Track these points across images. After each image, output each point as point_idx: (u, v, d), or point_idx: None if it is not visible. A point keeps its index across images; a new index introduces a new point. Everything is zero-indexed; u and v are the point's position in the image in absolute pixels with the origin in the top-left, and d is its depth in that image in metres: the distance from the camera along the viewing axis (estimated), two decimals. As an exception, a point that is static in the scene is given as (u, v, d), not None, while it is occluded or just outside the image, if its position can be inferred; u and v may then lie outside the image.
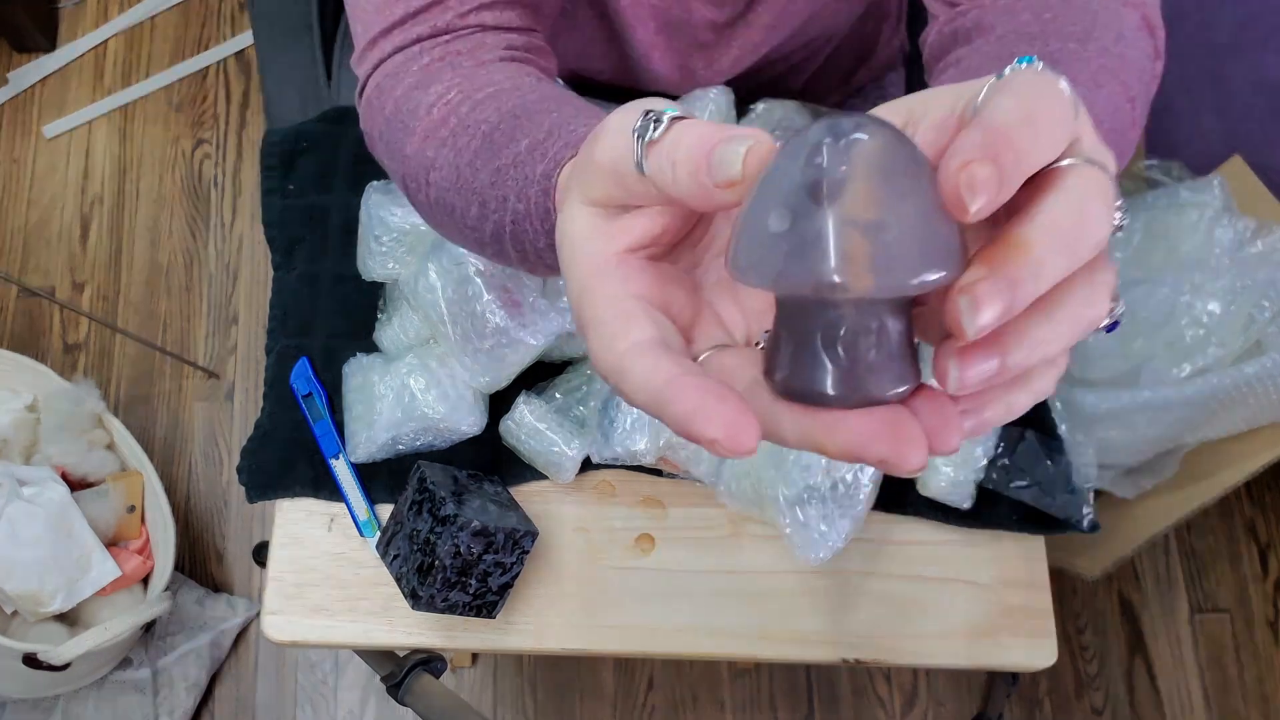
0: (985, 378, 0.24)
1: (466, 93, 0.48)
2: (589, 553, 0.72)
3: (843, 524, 0.68)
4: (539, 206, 0.40)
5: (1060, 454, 0.72)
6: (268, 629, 0.69)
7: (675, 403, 0.24)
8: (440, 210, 0.48)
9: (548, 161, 0.40)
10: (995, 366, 0.24)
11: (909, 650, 0.70)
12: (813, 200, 0.23)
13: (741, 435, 0.24)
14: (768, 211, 0.24)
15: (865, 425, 0.24)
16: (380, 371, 0.72)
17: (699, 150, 0.26)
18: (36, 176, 1.67)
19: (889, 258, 0.23)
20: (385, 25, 0.53)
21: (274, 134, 0.83)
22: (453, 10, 0.53)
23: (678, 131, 0.27)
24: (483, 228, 0.45)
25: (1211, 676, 1.42)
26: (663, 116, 0.27)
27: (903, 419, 0.24)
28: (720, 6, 0.70)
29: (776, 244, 0.24)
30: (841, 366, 0.25)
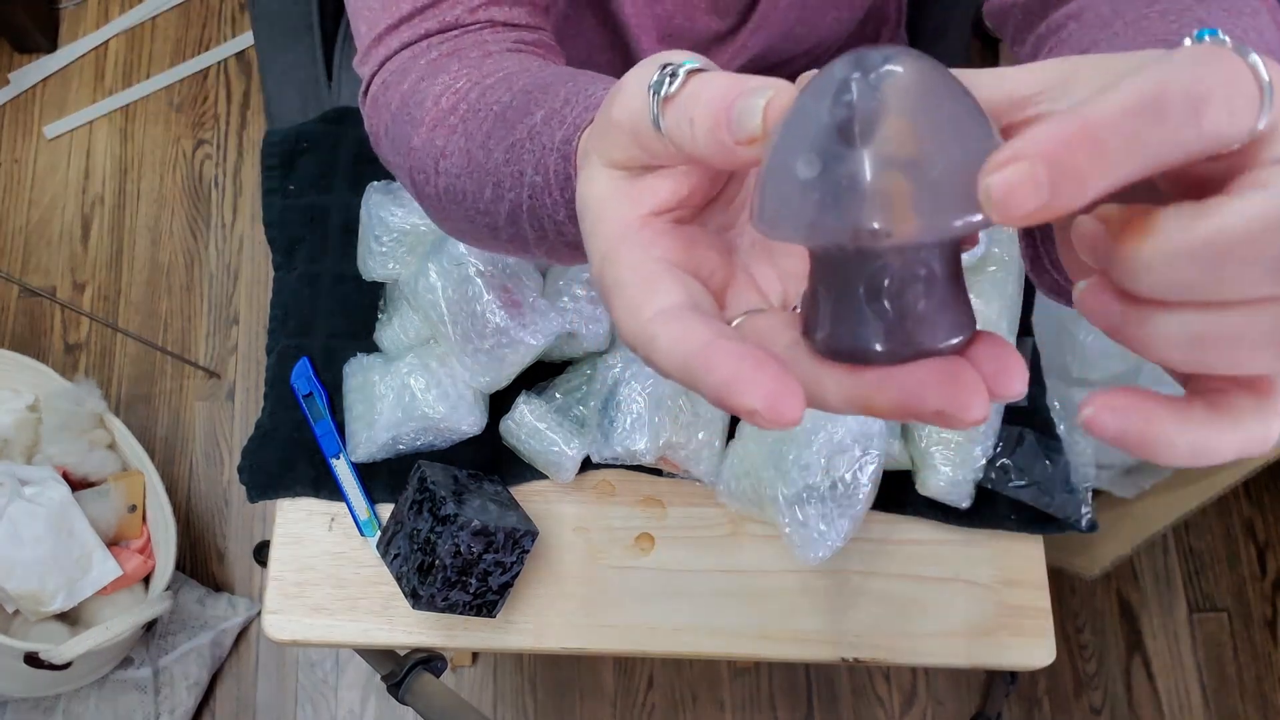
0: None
1: (475, 79, 0.47)
2: (589, 552, 0.72)
3: (842, 523, 0.69)
4: (559, 175, 0.38)
5: (1059, 454, 0.72)
6: (268, 628, 0.70)
7: (710, 371, 0.22)
8: (450, 199, 0.47)
9: (566, 127, 0.38)
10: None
11: (908, 649, 0.70)
12: (844, 141, 0.21)
13: (784, 404, 0.21)
14: (795, 157, 0.22)
15: (920, 376, 0.22)
16: (380, 371, 0.72)
17: (718, 105, 0.24)
18: (37, 177, 1.67)
19: (934, 197, 0.20)
20: (392, 21, 0.52)
21: (274, 134, 0.83)
22: (461, 5, 0.52)
23: (695, 86, 0.25)
24: (497, 210, 0.43)
25: (1210, 676, 1.42)
26: (679, 70, 0.25)
27: (960, 367, 0.22)
28: (724, 16, 0.70)
29: (807, 192, 0.22)
30: (889, 320, 0.22)
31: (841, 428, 0.67)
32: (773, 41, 0.73)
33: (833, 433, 0.67)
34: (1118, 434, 0.21)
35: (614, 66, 0.77)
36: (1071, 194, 0.18)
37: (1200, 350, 0.20)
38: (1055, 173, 0.18)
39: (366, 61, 0.55)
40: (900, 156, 0.21)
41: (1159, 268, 0.19)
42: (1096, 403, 0.21)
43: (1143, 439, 0.21)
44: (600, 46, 0.75)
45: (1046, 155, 0.18)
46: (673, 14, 0.69)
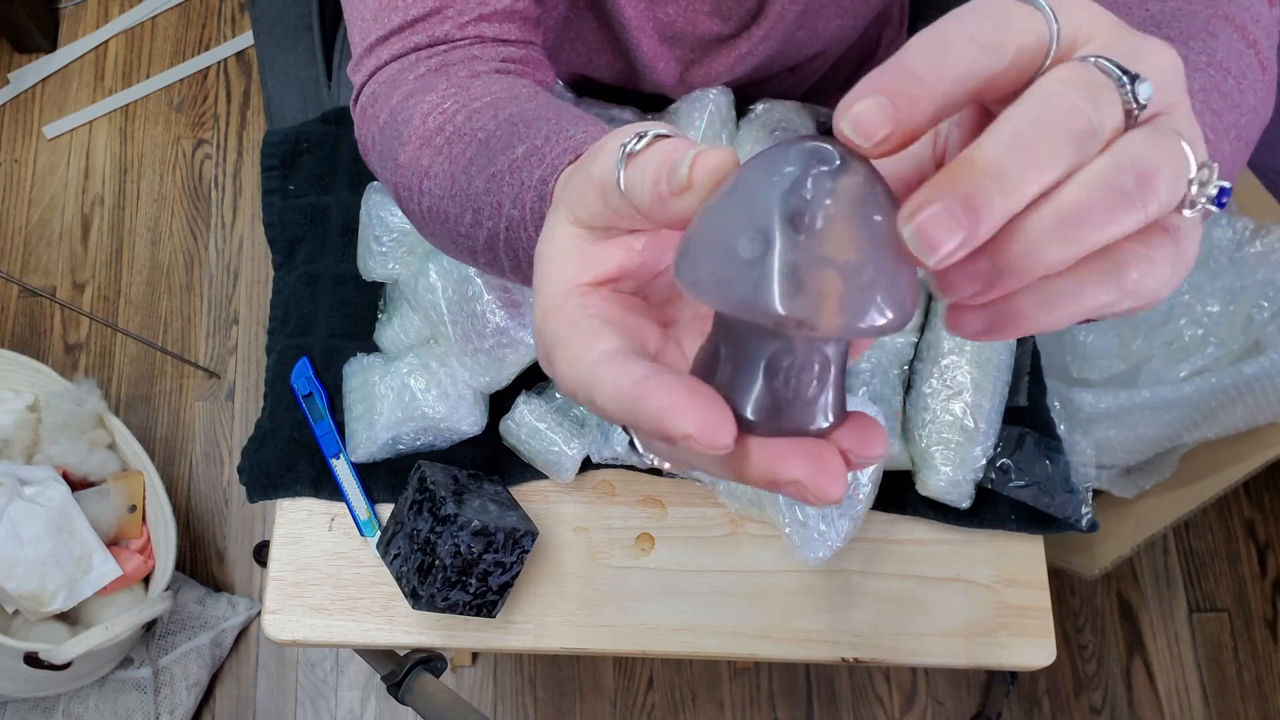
0: (958, 244, 0.21)
1: (462, 102, 0.48)
2: (589, 552, 0.72)
3: (842, 523, 0.68)
4: (534, 213, 0.39)
5: (1059, 454, 0.72)
6: (268, 628, 0.70)
7: (648, 401, 0.23)
8: (433, 219, 0.48)
9: (545, 167, 0.39)
10: (965, 230, 0.21)
11: (908, 649, 0.70)
12: (793, 231, 0.22)
13: (716, 430, 0.22)
14: (738, 232, 0.23)
15: (788, 452, 0.24)
16: (380, 371, 0.72)
17: (664, 159, 0.25)
18: (37, 176, 1.67)
19: (859, 300, 0.22)
20: (382, 33, 0.53)
21: (274, 134, 0.83)
22: (451, 20, 0.52)
23: (656, 146, 0.26)
24: (476, 235, 0.44)
25: (1210, 675, 1.42)
26: (648, 133, 0.27)
27: (827, 451, 0.24)
28: (726, 20, 0.70)
29: (745, 269, 0.23)
30: (782, 398, 0.24)
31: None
32: (779, 47, 0.73)
33: (833, 433, 0.67)
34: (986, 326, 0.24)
35: (614, 70, 0.77)
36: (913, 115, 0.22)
37: (1072, 237, 0.22)
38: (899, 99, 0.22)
39: (358, 71, 0.55)
40: (840, 259, 0.22)
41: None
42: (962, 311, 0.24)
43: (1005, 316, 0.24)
44: (600, 49, 0.75)
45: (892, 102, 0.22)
46: (675, 17, 0.69)
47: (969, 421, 0.70)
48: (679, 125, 0.75)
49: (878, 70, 0.22)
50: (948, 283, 0.23)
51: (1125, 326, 1.09)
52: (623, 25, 0.70)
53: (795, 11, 0.69)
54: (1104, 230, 0.22)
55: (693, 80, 0.76)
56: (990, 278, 0.22)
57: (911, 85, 0.21)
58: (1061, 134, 0.21)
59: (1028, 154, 0.21)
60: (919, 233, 0.21)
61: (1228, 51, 0.40)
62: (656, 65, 0.73)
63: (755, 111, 0.78)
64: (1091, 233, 0.22)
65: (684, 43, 0.72)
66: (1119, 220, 0.22)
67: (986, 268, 0.22)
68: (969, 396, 0.70)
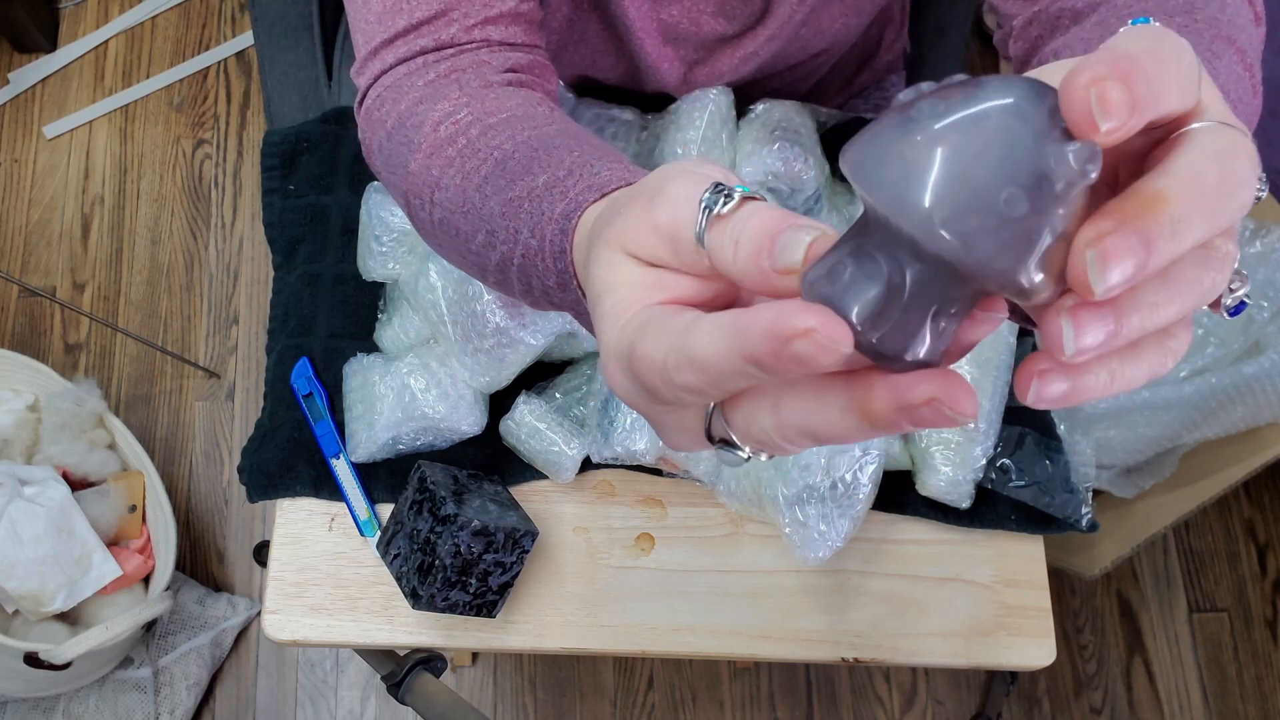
0: (1100, 342, 0.22)
1: (477, 114, 0.47)
2: (589, 552, 0.72)
3: (842, 523, 0.68)
4: (554, 245, 0.39)
5: (1059, 454, 0.72)
6: (268, 628, 0.70)
7: (756, 316, 0.23)
8: (444, 232, 0.47)
9: (568, 202, 0.38)
10: (1111, 329, 0.22)
11: (908, 649, 0.70)
12: (1051, 201, 0.22)
13: (835, 328, 0.22)
14: (1001, 183, 0.22)
15: (912, 374, 0.23)
16: (380, 371, 0.72)
17: (764, 232, 0.25)
18: (37, 176, 1.67)
19: (1059, 271, 0.22)
20: (387, 36, 0.52)
21: (274, 134, 0.83)
22: (457, 24, 0.52)
23: (747, 210, 0.25)
24: (488, 256, 0.44)
25: (1210, 675, 1.42)
26: (734, 193, 0.26)
27: (948, 371, 0.23)
28: (730, 20, 0.70)
29: (1001, 225, 0.21)
30: (937, 339, 0.24)
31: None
32: (783, 47, 0.73)
33: (833, 433, 0.67)
34: (1060, 396, 0.23)
35: (617, 71, 0.77)
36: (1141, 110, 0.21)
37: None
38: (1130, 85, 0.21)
39: (362, 73, 0.54)
40: (1070, 233, 0.22)
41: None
42: (1034, 383, 0.23)
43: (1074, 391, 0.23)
44: (603, 51, 0.75)
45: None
46: (678, 18, 0.69)
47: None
48: (679, 125, 0.75)
49: (1106, 60, 0.21)
50: (1081, 328, 0.22)
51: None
52: (626, 26, 0.70)
53: (804, 12, 0.69)
54: (1190, 304, 0.23)
55: (696, 80, 0.76)
56: (1114, 330, 0.22)
57: (1143, 88, 0.21)
58: (1231, 204, 0.22)
59: (1205, 212, 0.21)
60: (1100, 257, 0.21)
61: (1228, 76, 0.41)
62: (660, 66, 0.73)
63: (755, 111, 0.78)
64: (1187, 304, 0.23)
65: (687, 43, 0.72)
66: (1202, 301, 0.23)
67: (1111, 319, 0.22)
68: (969, 396, 0.70)
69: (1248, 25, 0.44)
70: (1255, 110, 0.43)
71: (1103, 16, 0.46)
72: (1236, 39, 0.42)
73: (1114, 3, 0.46)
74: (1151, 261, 0.21)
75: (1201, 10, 0.42)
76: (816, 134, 0.79)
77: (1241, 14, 0.44)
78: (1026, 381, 0.23)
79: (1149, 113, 0.21)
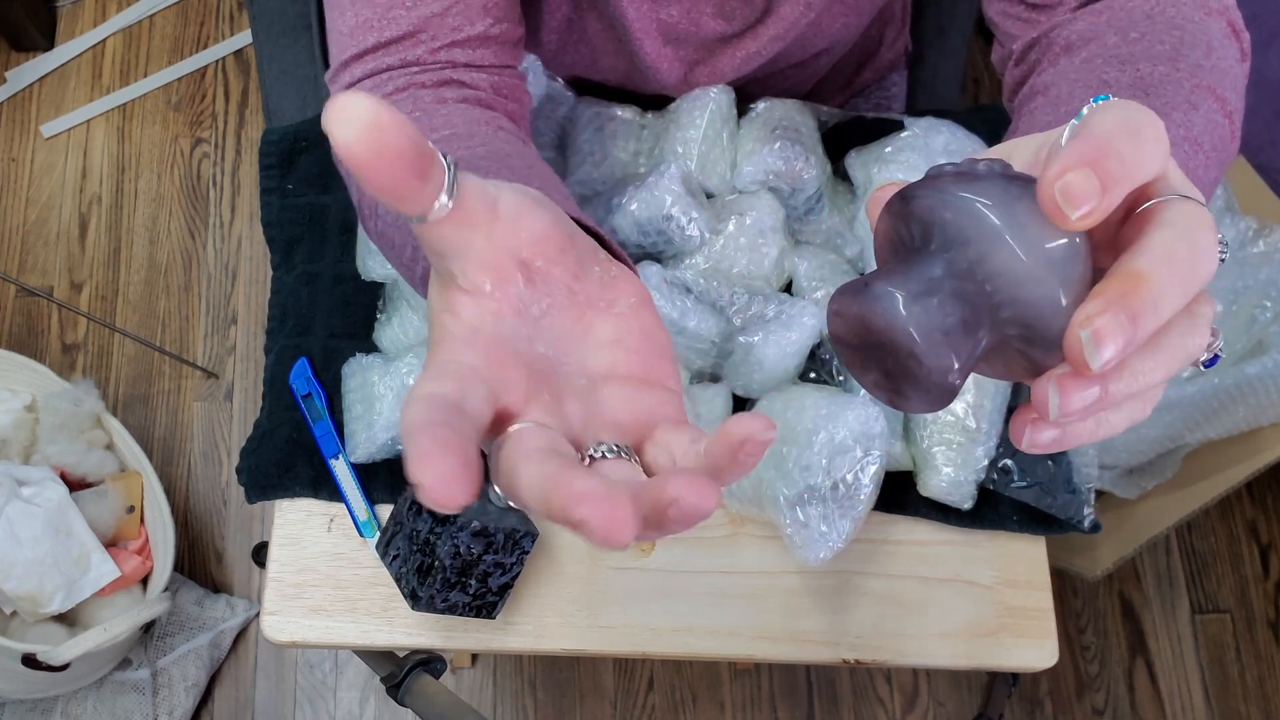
0: (1085, 406, 0.24)
1: (424, 132, 0.48)
2: (589, 553, 0.72)
3: (843, 524, 0.68)
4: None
5: (1061, 455, 0.71)
6: (267, 629, 0.69)
7: (410, 444, 0.23)
8: (384, 243, 0.49)
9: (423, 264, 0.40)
10: (1096, 395, 0.24)
11: (909, 650, 0.70)
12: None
13: (444, 488, 0.23)
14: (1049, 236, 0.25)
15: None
16: (380, 371, 0.72)
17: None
18: (35, 175, 1.67)
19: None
20: (357, 50, 0.53)
21: (273, 133, 0.83)
22: (424, 45, 0.53)
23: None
24: (414, 270, 0.46)
25: (1212, 677, 1.42)
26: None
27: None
28: (730, 19, 0.69)
29: (1050, 270, 0.25)
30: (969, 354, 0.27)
31: (843, 428, 0.67)
32: (785, 46, 0.72)
33: (834, 433, 0.67)
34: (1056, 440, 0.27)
35: (617, 71, 0.77)
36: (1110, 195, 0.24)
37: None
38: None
39: (333, 83, 0.56)
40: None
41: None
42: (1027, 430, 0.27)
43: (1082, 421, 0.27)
44: (603, 51, 0.75)
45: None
46: (678, 19, 0.69)
47: (970, 422, 0.70)
48: (680, 124, 0.75)
49: (1080, 142, 0.23)
50: (1066, 402, 0.25)
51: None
52: (625, 27, 0.69)
53: (812, 15, 0.69)
54: (1174, 368, 0.26)
55: (696, 81, 0.75)
56: (1100, 397, 0.25)
57: (1115, 166, 0.23)
58: (1201, 273, 0.24)
59: (1180, 285, 0.24)
60: (1094, 337, 0.23)
61: (1205, 124, 0.42)
62: (659, 66, 0.73)
63: (756, 110, 0.78)
64: (1172, 368, 0.25)
65: (687, 44, 0.72)
66: (1184, 364, 0.26)
67: (1097, 385, 0.25)
68: (970, 397, 0.70)
69: (1233, 67, 0.45)
70: (1230, 154, 0.44)
71: (1090, 54, 0.47)
72: (1217, 86, 0.43)
73: (1104, 41, 0.47)
74: (1138, 336, 0.23)
75: (1186, 58, 0.44)
76: (818, 133, 0.78)
77: (1227, 56, 0.45)
78: (1020, 429, 0.26)
79: (1123, 189, 0.23)
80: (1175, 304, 0.24)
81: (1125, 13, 0.48)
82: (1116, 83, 0.43)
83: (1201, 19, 0.46)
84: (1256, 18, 1.17)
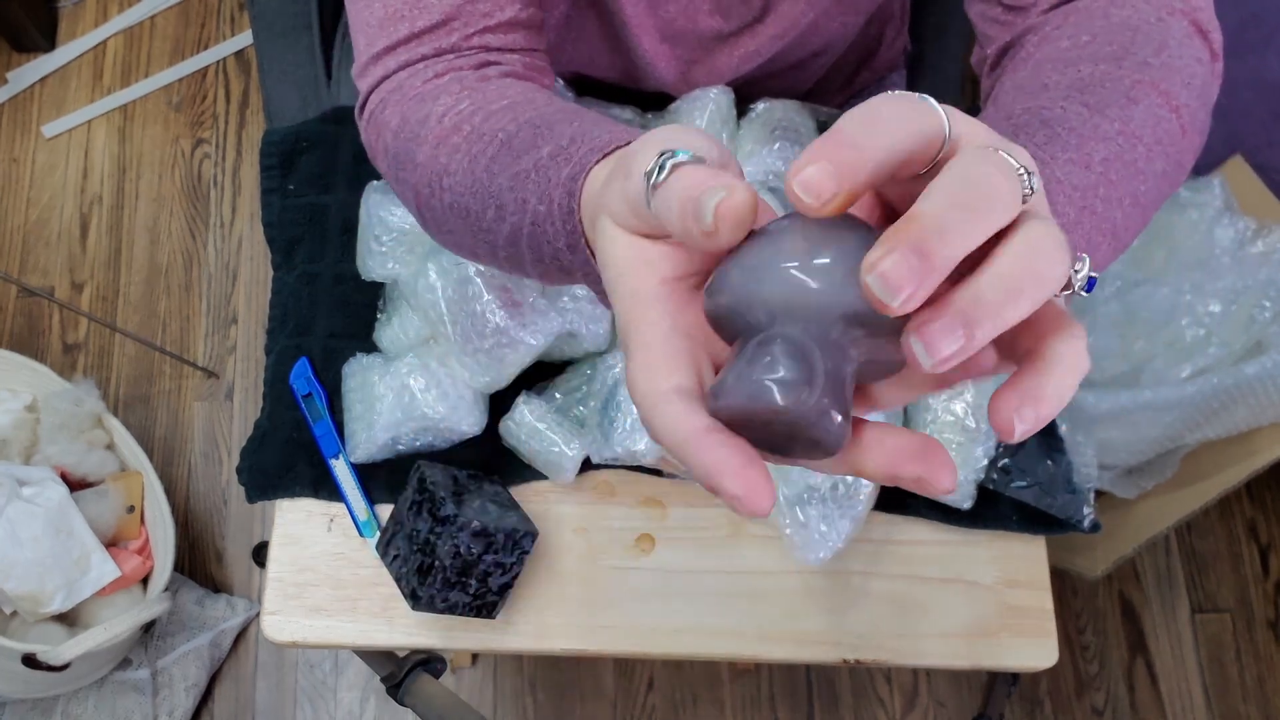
0: (953, 352, 0.24)
1: (478, 103, 0.48)
2: (589, 553, 0.72)
3: (843, 524, 0.68)
4: (562, 208, 0.40)
5: (1061, 454, 0.72)
6: (267, 629, 0.69)
7: (700, 454, 0.26)
8: (454, 214, 0.48)
9: (573, 165, 0.40)
10: (962, 340, 0.24)
11: (909, 650, 0.70)
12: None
13: (759, 495, 0.25)
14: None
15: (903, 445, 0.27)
16: (380, 371, 0.72)
17: (686, 195, 0.27)
18: (36, 176, 1.67)
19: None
20: (390, 42, 0.53)
21: (274, 133, 0.83)
22: (458, 32, 0.53)
23: (676, 176, 0.28)
24: (498, 230, 0.45)
25: (1212, 677, 1.42)
26: (667, 162, 0.28)
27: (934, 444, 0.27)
28: (727, 17, 0.70)
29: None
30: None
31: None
32: (776, 42, 0.73)
33: (834, 433, 0.67)
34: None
35: (615, 69, 0.77)
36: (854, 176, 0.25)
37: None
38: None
39: (364, 76, 0.55)
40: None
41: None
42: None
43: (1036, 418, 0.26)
44: (601, 49, 0.75)
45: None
46: (675, 15, 0.69)
47: (970, 422, 0.70)
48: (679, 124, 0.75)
49: (820, 140, 0.25)
50: (934, 348, 0.24)
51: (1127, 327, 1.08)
52: (623, 23, 0.69)
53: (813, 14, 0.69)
54: (1021, 307, 0.25)
55: (694, 79, 0.76)
56: (966, 341, 0.24)
57: (850, 153, 0.25)
58: (984, 198, 0.25)
59: (960, 211, 0.24)
60: (882, 279, 0.23)
61: (1144, 118, 0.42)
62: (657, 64, 0.73)
63: (756, 111, 0.78)
64: (1012, 309, 0.24)
65: (685, 41, 0.72)
66: (1033, 301, 0.25)
67: (960, 330, 0.24)
68: (970, 397, 0.70)
69: (1190, 65, 0.45)
70: (1187, 149, 0.45)
71: (1041, 58, 0.48)
72: (1163, 83, 0.44)
73: (1058, 45, 0.48)
74: (933, 267, 0.23)
75: (1132, 57, 0.44)
76: (817, 133, 0.79)
77: (1184, 55, 0.45)
78: (1007, 419, 0.26)
79: (862, 173, 0.25)
80: (967, 231, 0.24)
81: (1088, 14, 0.49)
82: (1055, 85, 0.44)
83: (1162, 19, 0.46)
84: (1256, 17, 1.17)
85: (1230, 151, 1.20)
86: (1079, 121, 0.42)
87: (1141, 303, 1.07)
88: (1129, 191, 0.42)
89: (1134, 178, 0.42)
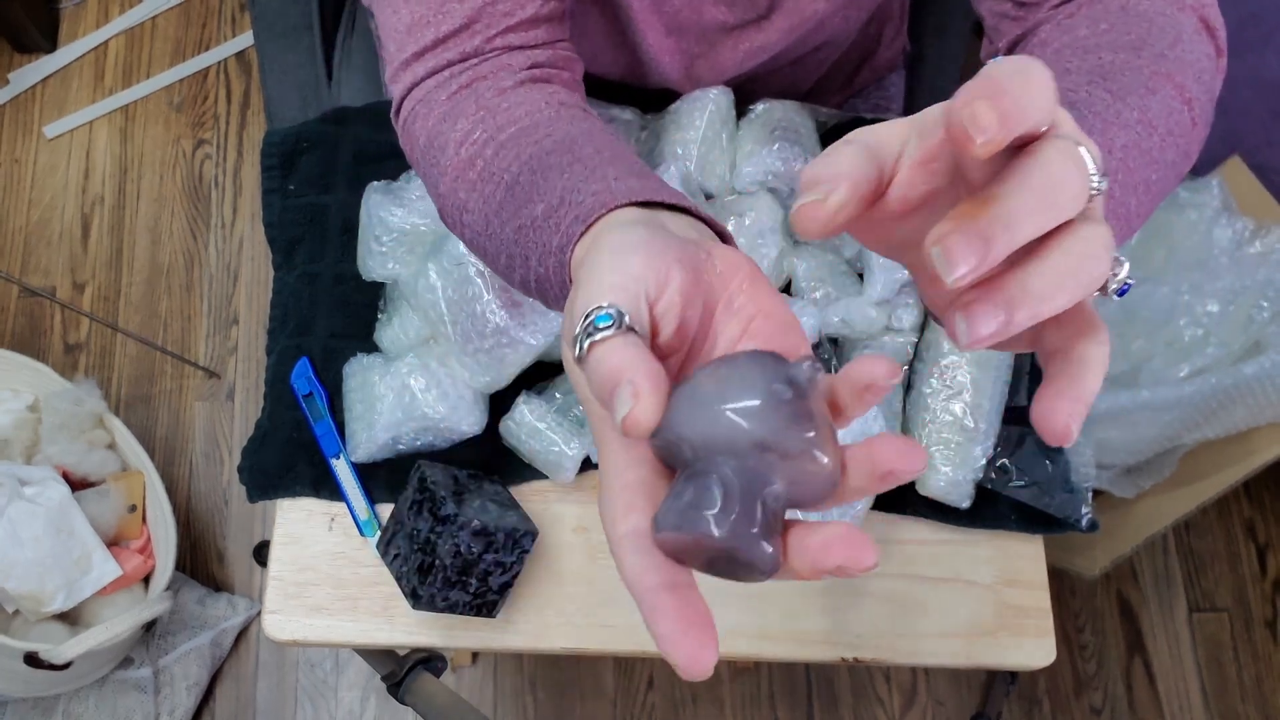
0: (992, 331, 0.25)
1: (490, 132, 0.50)
2: (589, 552, 0.72)
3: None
4: (557, 276, 0.41)
5: (1059, 454, 0.72)
6: (268, 628, 0.70)
7: (649, 615, 0.27)
8: (475, 249, 0.51)
9: (561, 235, 0.41)
10: (1002, 322, 0.25)
11: (908, 650, 0.70)
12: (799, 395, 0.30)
13: (698, 666, 0.26)
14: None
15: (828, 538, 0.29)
16: (380, 371, 0.72)
17: (602, 386, 0.29)
18: (37, 176, 1.67)
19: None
20: (418, 49, 0.54)
21: (274, 134, 0.83)
22: (480, 35, 0.54)
23: (594, 358, 0.29)
24: (511, 275, 0.47)
25: (1210, 676, 1.42)
26: (585, 341, 0.29)
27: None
28: (731, 8, 0.70)
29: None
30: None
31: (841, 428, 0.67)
32: (780, 37, 0.73)
33: (833, 433, 0.67)
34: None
35: (619, 65, 0.77)
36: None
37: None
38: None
39: (396, 82, 0.57)
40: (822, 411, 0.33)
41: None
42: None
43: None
44: (605, 45, 0.75)
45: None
46: (679, 7, 0.69)
47: (969, 421, 0.70)
48: (679, 125, 0.75)
49: (978, 82, 0.25)
50: (974, 328, 0.26)
51: (1126, 326, 1.09)
52: (628, 18, 0.70)
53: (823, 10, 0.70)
54: (1060, 303, 0.26)
55: (698, 73, 0.76)
56: (1005, 322, 0.26)
57: (1009, 103, 0.25)
58: (1056, 197, 0.25)
59: (1034, 205, 0.25)
60: (946, 253, 0.24)
61: (1161, 108, 0.43)
62: (662, 59, 0.73)
63: (755, 111, 0.78)
64: (1052, 303, 0.26)
65: (689, 34, 0.72)
66: (1072, 298, 0.26)
67: (1003, 312, 0.26)
68: (969, 396, 0.70)
69: (1200, 60, 0.46)
70: (1195, 140, 0.46)
71: (1060, 46, 0.49)
72: (1178, 75, 0.45)
73: (1075, 34, 0.49)
74: (992, 251, 0.24)
75: (1150, 47, 0.45)
76: (817, 134, 0.79)
77: (1195, 49, 0.46)
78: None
79: (1017, 126, 0.24)
80: (1033, 223, 0.25)
81: (1101, 6, 0.49)
82: (1077, 69, 0.45)
83: (1173, 13, 0.47)
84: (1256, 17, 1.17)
85: (1229, 150, 1.20)
86: (1103, 107, 0.42)
87: (1140, 302, 1.08)
88: (1143, 179, 0.43)
89: (1148, 166, 0.43)
